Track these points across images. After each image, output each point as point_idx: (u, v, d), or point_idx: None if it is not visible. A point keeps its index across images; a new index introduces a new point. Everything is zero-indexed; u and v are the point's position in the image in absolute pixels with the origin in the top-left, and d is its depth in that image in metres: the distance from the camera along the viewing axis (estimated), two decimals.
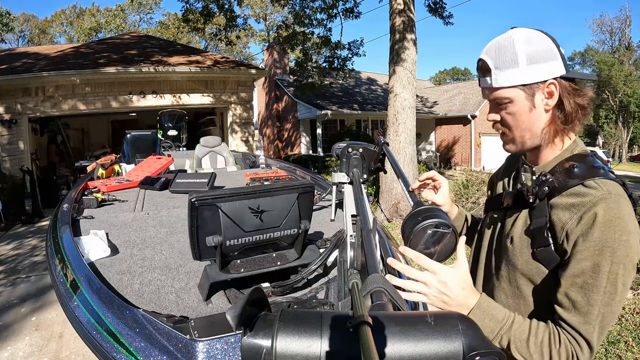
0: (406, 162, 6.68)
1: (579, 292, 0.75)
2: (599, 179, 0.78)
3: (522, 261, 0.85)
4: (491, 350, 0.40)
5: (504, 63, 0.82)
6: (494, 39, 0.86)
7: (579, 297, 0.75)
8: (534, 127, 0.85)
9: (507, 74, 0.82)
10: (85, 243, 1.53)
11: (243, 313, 0.40)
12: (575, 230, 0.76)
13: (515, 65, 0.81)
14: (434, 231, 0.72)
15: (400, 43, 6.74)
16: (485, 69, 0.86)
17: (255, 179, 2.86)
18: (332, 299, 1.18)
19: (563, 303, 0.77)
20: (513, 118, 0.86)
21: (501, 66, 0.83)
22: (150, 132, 4.92)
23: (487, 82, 0.86)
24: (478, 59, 0.87)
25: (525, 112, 0.84)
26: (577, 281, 0.75)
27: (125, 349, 0.91)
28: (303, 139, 15.75)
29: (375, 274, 0.62)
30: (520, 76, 0.81)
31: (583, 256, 0.74)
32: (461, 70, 46.44)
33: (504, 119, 0.87)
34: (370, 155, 1.33)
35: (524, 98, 0.83)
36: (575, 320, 0.75)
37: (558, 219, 0.79)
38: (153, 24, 29.03)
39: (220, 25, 10.63)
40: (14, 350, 2.90)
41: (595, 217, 0.74)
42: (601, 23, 30.13)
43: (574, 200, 0.78)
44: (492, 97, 0.87)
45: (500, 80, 0.83)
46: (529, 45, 0.81)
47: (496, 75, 0.83)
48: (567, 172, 0.82)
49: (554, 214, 0.80)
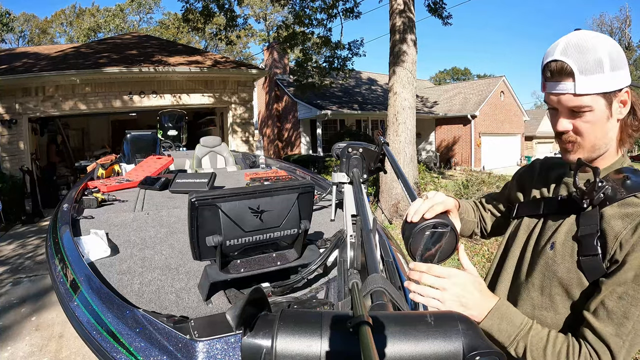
0: (406, 162, 6.69)
1: (617, 302, 0.72)
2: None
3: (563, 268, 0.82)
4: (491, 350, 0.40)
5: (589, 68, 0.75)
6: (566, 40, 0.78)
7: (616, 307, 0.72)
8: (606, 136, 0.81)
9: (593, 80, 0.76)
10: (85, 243, 1.53)
11: (243, 313, 0.40)
12: (629, 240, 0.73)
13: (600, 71, 0.75)
14: (432, 231, 0.72)
15: (400, 43, 6.74)
16: (566, 73, 0.77)
17: (255, 179, 2.86)
18: (332, 299, 1.18)
19: (598, 312, 0.74)
20: (590, 127, 0.80)
21: (586, 71, 0.76)
22: (150, 132, 4.91)
23: (565, 88, 0.77)
24: (550, 60, 0.78)
25: (603, 121, 0.79)
26: (618, 290, 0.72)
27: (125, 349, 0.91)
28: (303, 139, 15.75)
29: (375, 274, 0.62)
30: (604, 83, 0.76)
31: (630, 266, 0.71)
32: (461, 70, 46.42)
33: (579, 127, 0.80)
34: (370, 155, 1.33)
35: (604, 106, 0.78)
36: (608, 331, 0.72)
37: (610, 228, 0.76)
38: (153, 23, 29.04)
39: (220, 25, 10.64)
40: (14, 350, 2.90)
41: None
42: (601, 23, 30.13)
43: (628, 210, 0.75)
44: (570, 105, 0.79)
45: (585, 87, 0.76)
46: (612, 50, 0.76)
47: (581, 81, 0.76)
48: (620, 182, 0.79)
49: (605, 222, 0.77)
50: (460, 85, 20.96)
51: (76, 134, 12.57)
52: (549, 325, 0.83)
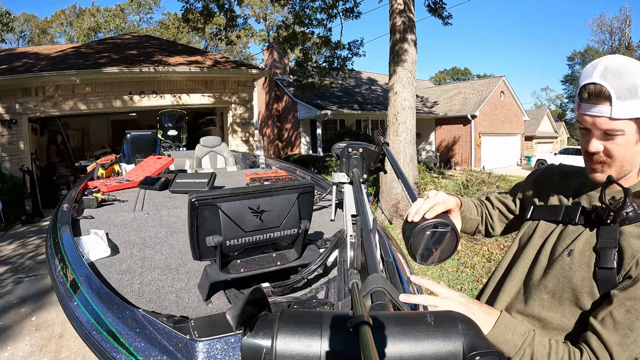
0: (406, 162, 6.69)
1: (624, 315, 0.76)
2: None
3: (578, 276, 0.85)
4: (491, 350, 0.40)
5: (625, 93, 0.78)
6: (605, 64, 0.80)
7: (623, 319, 0.76)
8: (633, 159, 0.84)
9: (628, 105, 0.78)
10: (85, 243, 1.53)
11: (243, 313, 0.39)
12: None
13: (634, 97, 0.77)
14: (432, 231, 0.72)
15: (400, 43, 6.74)
16: (604, 97, 0.79)
17: (255, 179, 2.86)
18: (332, 299, 1.18)
19: (605, 321, 0.78)
20: (621, 150, 0.82)
21: (623, 97, 0.78)
22: (150, 132, 4.91)
23: (602, 111, 0.80)
24: (589, 82, 0.80)
25: (632, 144, 0.82)
26: (627, 304, 0.76)
27: (125, 349, 0.91)
28: (303, 139, 15.75)
29: (375, 274, 0.62)
30: (638, 109, 0.78)
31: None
32: (461, 70, 46.42)
33: (610, 150, 0.83)
34: (370, 155, 1.33)
35: (634, 131, 0.80)
36: (613, 340, 0.76)
37: (629, 245, 0.80)
38: (153, 23, 29.05)
39: (220, 25, 10.64)
40: (14, 350, 2.90)
41: None
42: (601, 23, 30.16)
43: None
44: (605, 127, 0.81)
45: (620, 112, 0.78)
46: None
47: (617, 106, 0.78)
48: None
49: (624, 240, 0.81)
50: (460, 85, 20.96)
51: (76, 134, 12.58)
52: (554, 326, 0.88)
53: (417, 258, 0.74)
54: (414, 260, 0.76)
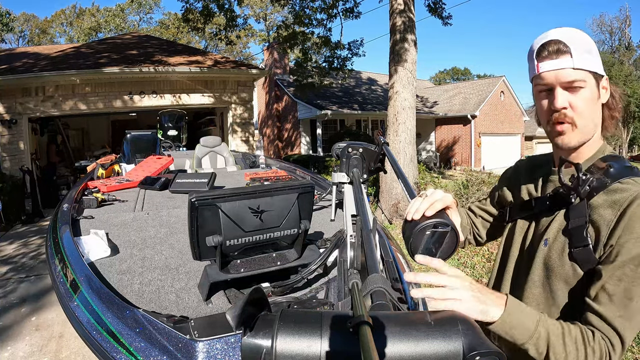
0: (406, 162, 6.69)
1: (617, 285, 0.74)
2: (635, 177, 0.81)
3: (558, 262, 0.85)
4: (491, 350, 0.40)
5: (582, 47, 0.82)
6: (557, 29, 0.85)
7: (617, 290, 0.74)
8: (596, 117, 0.86)
9: (587, 56, 0.82)
10: (85, 243, 1.53)
11: (243, 313, 0.40)
12: (619, 226, 0.76)
13: (590, 53, 0.83)
14: (432, 231, 0.72)
15: (400, 43, 6.74)
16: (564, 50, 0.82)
17: (255, 179, 2.86)
18: (332, 299, 1.18)
19: (599, 297, 0.76)
20: (585, 104, 0.84)
21: (580, 49, 0.82)
22: (150, 132, 4.91)
23: (564, 63, 0.82)
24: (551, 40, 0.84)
25: (594, 99, 0.84)
26: (617, 273, 0.75)
27: (125, 349, 0.91)
28: (303, 139, 15.75)
29: (375, 274, 0.62)
30: (594, 63, 0.83)
31: (625, 249, 0.75)
32: (461, 70, 46.40)
33: (575, 104, 0.84)
34: (370, 155, 1.33)
35: (594, 85, 0.84)
36: (611, 313, 0.74)
37: (601, 217, 0.80)
38: (153, 23, 29.04)
39: (220, 25, 10.64)
40: (14, 350, 2.90)
41: (636, 210, 0.75)
42: (601, 23, 30.14)
43: (615, 197, 0.79)
44: (569, 78, 0.82)
45: (582, 62, 0.82)
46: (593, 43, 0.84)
47: (578, 56, 0.82)
48: (604, 171, 0.83)
49: (595, 213, 0.81)
50: (460, 85, 20.96)
51: (76, 134, 12.58)
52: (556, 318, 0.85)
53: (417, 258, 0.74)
54: (414, 261, 0.76)
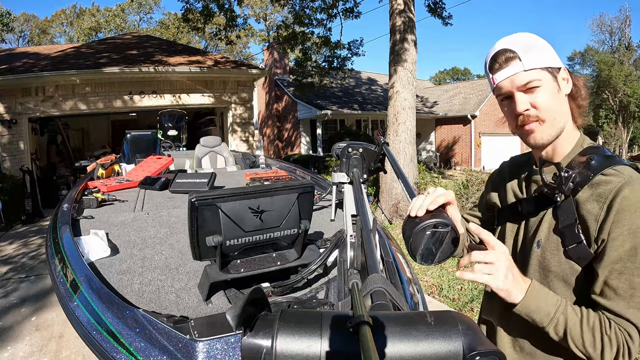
0: (406, 162, 6.69)
1: (619, 278, 0.75)
2: (616, 166, 0.80)
3: (554, 262, 0.85)
4: (491, 350, 0.40)
5: (528, 48, 0.85)
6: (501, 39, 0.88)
7: (621, 283, 0.74)
8: (561, 108, 0.87)
9: (534, 56, 0.84)
10: (85, 243, 1.53)
11: (243, 313, 0.39)
12: (607, 219, 0.76)
13: (539, 50, 0.85)
14: (432, 231, 0.72)
15: (400, 43, 6.74)
16: (511, 57, 0.85)
17: (255, 179, 2.86)
18: (332, 299, 1.18)
19: (605, 292, 0.76)
20: (545, 99, 0.85)
21: (527, 51, 0.85)
22: (150, 132, 4.91)
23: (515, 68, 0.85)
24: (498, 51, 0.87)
25: (554, 94, 0.85)
26: (616, 267, 0.75)
27: (125, 349, 0.91)
28: (303, 139, 15.75)
29: (375, 274, 0.62)
30: (545, 59, 0.84)
31: (618, 242, 0.75)
32: (461, 70, 46.41)
33: (536, 103, 0.85)
34: (370, 155, 1.33)
35: (551, 80, 0.85)
36: (620, 307, 0.74)
37: (588, 212, 0.79)
38: (153, 23, 29.04)
39: (220, 25, 10.64)
40: (14, 350, 2.90)
41: (623, 202, 0.75)
42: (601, 23, 30.11)
43: (600, 190, 0.79)
44: (523, 81, 0.85)
45: (530, 62, 0.84)
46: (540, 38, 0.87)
47: (526, 58, 0.84)
48: (585, 165, 0.82)
49: (583, 208, 0.80)
50: (460, 85, 20.96)
51: (76, 134, 12.58)
52: None
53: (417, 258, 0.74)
54: (414, 260, 0.75)
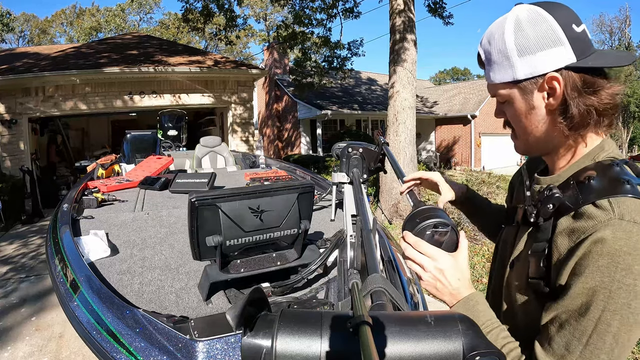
0: (406, 162, 6.68)
1: (558, 332, 0.61)
2: (616, 198, 0.59)
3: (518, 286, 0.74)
4: (491, 350, 0.40)
5: (494, 56, 0.69)
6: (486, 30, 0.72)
7: (557, 337, 0.61)
8: (536, 131, 0.70)
9: (498, 69, 0.69)
10: (85, 243, 1.53)
11: (243, 313, 0.39)
12: (569, 262, 0.61)
13: (505, 59, 0.67)
14: (433, 231, 0.72)
15: (400, 43, 6.74)
16: (482, 62, 0.74)
17: (255, 179, 2.86)
18: (332, 299, 1.18)
19: (542, 336, 0.64)
20: (515, 119, 0.72)
21: (492, 60, 0.70)
22: (150, 132, 4.93)
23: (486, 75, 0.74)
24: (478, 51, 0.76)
25: (523, 114, 0.70)
26: (562, 317, 0.61)
27: (125, 349, 0.91)
28: (303, 139, 15.75)
29: (375, 274, 0.62)
30: (512, 72, 0.67)
31: (572, 292, 0.59)
32: (461, 70, 46.41)
33: (508, 118, 0.74)
34: (370, 155, 1.33)
35: (520, 98, 0.68)
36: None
37: (557, 246, 0.64)
38: (153, 23, 29.04)
39: (220, 25, 10.64)
40: (14, 351, 2.90)
41: (594, 248, 0.58)
42: (601, 23, 30.11)
43: (577, 225, 0.61)
44: (492, 93, 0.75)
45: (495, 75, 0.70)
46: (520, 32, 0.65)
47: (492, 68, 0.70)
48: (580, 186, 0.64)
49: (556, 238, 0.65)
50: (460, 85, 20.95)
51: (76, 134, 12.58)
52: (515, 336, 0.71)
53: None
54: None
